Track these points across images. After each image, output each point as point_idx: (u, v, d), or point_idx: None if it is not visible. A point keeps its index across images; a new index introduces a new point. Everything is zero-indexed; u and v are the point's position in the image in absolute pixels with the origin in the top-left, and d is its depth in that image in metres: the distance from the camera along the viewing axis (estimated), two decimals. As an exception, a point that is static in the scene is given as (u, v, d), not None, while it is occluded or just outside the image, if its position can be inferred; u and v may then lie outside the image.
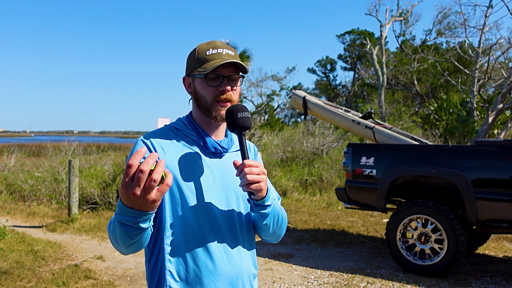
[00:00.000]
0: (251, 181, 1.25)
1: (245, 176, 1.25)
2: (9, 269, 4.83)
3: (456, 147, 4.77)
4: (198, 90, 1.40)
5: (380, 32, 19.52)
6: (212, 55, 1.37)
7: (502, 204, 4.32)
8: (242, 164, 1.26)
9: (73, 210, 7.42)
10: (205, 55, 1.37)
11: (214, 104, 1.37)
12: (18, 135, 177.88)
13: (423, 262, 4.67)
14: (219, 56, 1.36)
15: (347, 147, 5.39)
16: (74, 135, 49.43)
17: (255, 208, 1.34)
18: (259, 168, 1.28)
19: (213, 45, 1.40)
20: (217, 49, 1.38)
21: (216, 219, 1.35)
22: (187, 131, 1.42)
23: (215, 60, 1.35)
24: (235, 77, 1.40)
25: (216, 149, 1.41)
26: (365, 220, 7.68)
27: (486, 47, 15.02)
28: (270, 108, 33.11)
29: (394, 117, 17.01)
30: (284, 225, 1.48)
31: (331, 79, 37.14)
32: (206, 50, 1.38)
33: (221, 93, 1.37)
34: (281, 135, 14.43)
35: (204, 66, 1.36)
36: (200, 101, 1.40)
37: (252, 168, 1.26)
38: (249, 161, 1.27)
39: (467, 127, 13.25)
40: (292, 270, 4.94)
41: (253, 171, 1.26)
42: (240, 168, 1.27)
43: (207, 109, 1.38)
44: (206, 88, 1.38)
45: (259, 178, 1.26)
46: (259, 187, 1.26)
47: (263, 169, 1.30)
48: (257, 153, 1.58)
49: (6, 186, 10.85)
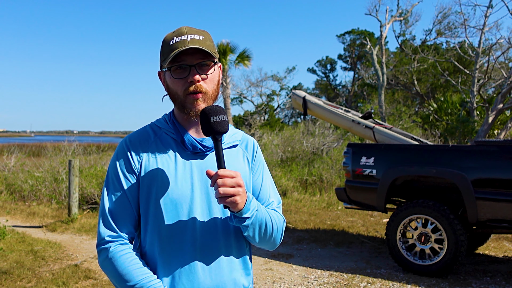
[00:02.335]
0: (223, 194, 1.12)
1: (217, 189, 1.13)
2: (9, 269, 4.83)
3: (456, 147, 4.77)
4: (169, 85, 1.28)
5: (380, 32, 19.53)
6: (175, 44, 1.23)
7: (502, 204, 4.32)
8: (216, 175, 1.14)
9: (73, 210, 7.43)
10: (169, 45, 1.24)
11: (186, 98, 1.25)
12: (18, 135, 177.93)
13: (423, 262, 4.67)
14: (182, 44, 1.22)
15: (347, 147, 5.39)
16: (74, 135, 49.47)
17: (233, 220, 1.22)
18: (235, 179, 1.14)
19: (177, 32, 1.26)
20: (181, 36, 1.24)
21: (195, 229, 1.25)
22: (167, 129, 1.31)
23: (178, 49, 1.22)
24: (205, 64, 1.25)
25: (196, 148, 1.28)
26: (365, 220, 7.68)
27: (486, 47, 15.03)
28: (270, 108, 33.14)
29: (394, 117, 17.01)
30: (277, 234, 1.34)
31: (331, 79, 37.17)
32: (171, 39, 1.25)
33: (190, 85, 1.24)
34: (281, 135, 14.44)
35: (169, 56, 1.23)
36: (173, 96, 1.28)
37: (226, 180, 1.13)
38: (223, 171, 1.14)
39: (467, 127, 13.25)
40: (292, 270, 4.94)
41: (226, 183, 1.13)
42: (213, 179, 1.14)
43: (181, 104, 1.27)
44: (174, 81, 1.26)
45: (233, 191, 1.13)
46: (233, 201, 1.14)
47: (239, 180, 1.16)
48: (257, 150, 1.44)
49: (6, 186, 10.85)
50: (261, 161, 1.44)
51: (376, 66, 19.13)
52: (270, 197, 1.41)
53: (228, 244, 1.29)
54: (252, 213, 1.21)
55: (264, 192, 1.40)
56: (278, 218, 1.35)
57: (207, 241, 1.26)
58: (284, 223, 1.39)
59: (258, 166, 1.42)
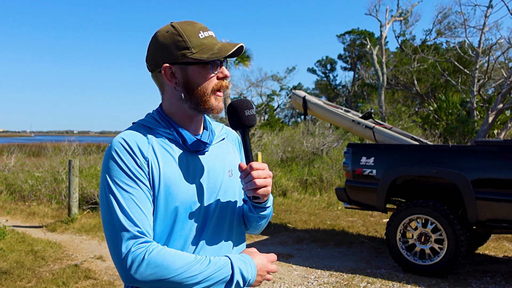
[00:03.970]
0: (259, 185, 1.16)
1: (253, 180, 1.15)
2: (9, 269, 4.83)
3: (456, 147, 4.77)
4: (194, 79, 1.19)
5: (380, 32, 19.54)
6: (207, 38, 1.20)
7: (502, 204, 4.32)
8: (250, 167, 1.16)
9: (73, 210, 7.43)
10: (199, 38, 1.19)
11: (213, 95, 1.21)
12: (18, 135, 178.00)
13: (423, 262, 4.67)
14: (214, 39, 1.22)
15: (347, 147, 5.39)
16: (74, 135, 49.47)
17: (254, 210, 1.28)
18: (266, 171, 1.18)
19: (198, 26, 1.22)
20: (207, 31, 1.22)
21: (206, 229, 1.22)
22: (161, 129, 1.22)
23: (217, 45, 1.19)
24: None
25: (199, 147, 1.23)
26: (365, 220, 7.68)
27: (486, 47, 15.02)
28: (270, 108, 33.15)
29: (394, 117, 17.02)
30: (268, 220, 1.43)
31: (331, 79, 37.17)
32: (196, 32, 1.19)
33: (221, 80, 1.22)
34: (281, 135, 14.45)
35: (205, 50, 1.17)
36: (195, 92, 1.19)
37: (260, 172, 1.16)
38: (256, 163, 1.17)
39: (467, 127, 13.26)
40: (292, 270, 4.94)
41: (260, 175, 1.16)
42: (246, 171, 1.17)
43: (203, 101, 1.20)
44: (206, 76, 1.19)
45: (267, 182, 1.18)
46: (266, 192, 1.18)
47: (269, 171, 1.20)
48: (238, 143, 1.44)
49: (6, 186, 10.85)
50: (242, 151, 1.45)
51: (376, 66, 19.14)
52: None
53: (234, 236, 1.31)
54: (271, 202, 1.30)
55: None
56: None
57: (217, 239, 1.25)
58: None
59: (242, 156, 1.43)
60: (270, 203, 1.30)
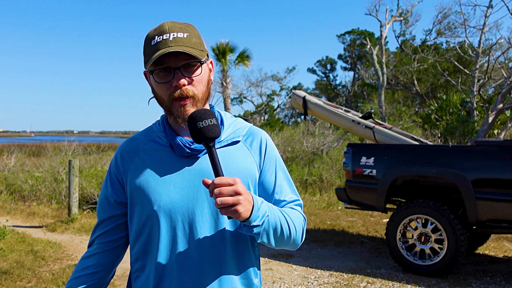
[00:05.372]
0: (221, 205, 1.00)
1: (215, 199, 1.00)
2: (9, 269, 4.83)
3: (456, 147, 4.77)
4: (154, 89, 1.18)
5: (380, 32, 19.53)
6: (156, 44, 1.11)
7: (502, 204, 4.32)
8: (212, 184, 1.02)
9: (73, 210, 7.43)
10: (151, 45, 1.12)
11: (172, 104, 1.14)
12: (18, 135, 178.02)
13: (423, 262, 4.67)
14: (164, 44, 1.10)
15: (347, 147, 5.39)
16: (74, 135, 49.50)
17: (243, 228, 1.11)
18: (233, 187, 1.01)
19: (159, 30, 1.13)
20: (163, 35, 1.11)
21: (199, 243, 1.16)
22: (159, 132, 1.23)
23: (159, 51, 1.10)
24: (191, 65, 1.13)
25: (184, 152, 1.17)
26: (365, 220, 7.68)
27: (486, 47, 15.02)
28: (270, 108, 33.14)
29: (394, 117, 17.02)
30: (296, 235, 1.22)
31: (331, 79, 37.18)
32: (152, 38, 1.13)
33: (175, 89, 1.12)
34: (281, 135, 14.45)
35: (150, 60, 1.12)
36: (159, 101, 1.18)
37: (223, 189, 1.00)
38: (219, 179, 1.01)
39: (467, 127, 13.25)
40: (292, 270, 4.94)
41: (223, 192, 1.00)
42: (210, 188, 1.02)
43: (168, 109, 1.17)
44: (158, 86, 1.15)
45: (233, 200, 1.00)
46: (234, 211, 1.01)
47: (238, 187, 1.01)
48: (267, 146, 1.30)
49: (6, 186, 10.85)
50: (273, 156, 1.31)
51: (376, 66, 19.14)
52: (286, 195, 1.29)
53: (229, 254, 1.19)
54: (262, 220, 1.09)
55: (278, 190, 1.29)
56: (296, 217, 1.24)
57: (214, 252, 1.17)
58: (304, 222, 1.28)
59: (270, 162, 1.29)
60: (260, 221, 1.08)
